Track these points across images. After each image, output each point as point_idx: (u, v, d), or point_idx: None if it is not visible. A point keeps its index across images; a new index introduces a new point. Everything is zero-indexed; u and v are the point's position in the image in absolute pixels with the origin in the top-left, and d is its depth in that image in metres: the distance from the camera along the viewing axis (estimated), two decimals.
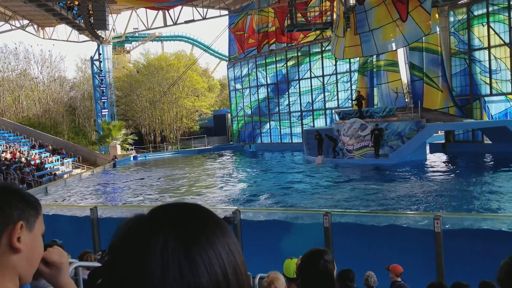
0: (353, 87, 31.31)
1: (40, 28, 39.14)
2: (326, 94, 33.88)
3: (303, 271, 2.33)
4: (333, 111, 32.44)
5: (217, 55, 58.31)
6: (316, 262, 2.26)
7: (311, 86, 34.69)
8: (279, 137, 37.46)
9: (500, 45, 23.73)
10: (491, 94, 24.61)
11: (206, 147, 42.21)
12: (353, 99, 26.03)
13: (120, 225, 0.72)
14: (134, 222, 0.71)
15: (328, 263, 2.28)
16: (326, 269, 2.25)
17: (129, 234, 0.69)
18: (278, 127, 37.42)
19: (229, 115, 44.41)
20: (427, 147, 25.59)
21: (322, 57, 33.76)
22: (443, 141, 27.74)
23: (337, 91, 33.13)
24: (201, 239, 0.68)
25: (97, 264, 4.99)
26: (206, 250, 0.67)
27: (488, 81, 24.52)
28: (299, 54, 35.22)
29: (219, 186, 19.68)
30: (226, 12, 38.23)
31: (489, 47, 24.21)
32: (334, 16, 27.33)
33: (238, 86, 40.98)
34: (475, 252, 7.12)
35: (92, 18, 29.86)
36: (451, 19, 26.07)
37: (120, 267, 0.66)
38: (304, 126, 34.51)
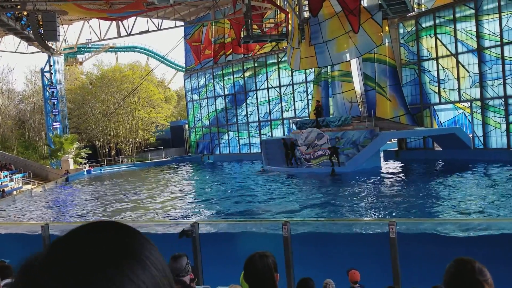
0: (309, 97, 31.87)
1: None
2: (283, 104, 34.29)
3: (245, 273, 2.33)
4: (291, 121, 32.83)
5: (174, 66, 57.90)
6: (253, 259, 2.29)
7: (269, 96, 35.02)
8: (238, 147, 37.47)
9: (447, 56, 24.85)
10: (440, 103, 25.66)
11: (164, 159, 41.59)
12: (314, 109, 26.43)
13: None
14: (20, 274, 0.61)
15: (266, 257, 2.30)
16: (263, 262, 2.27)
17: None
18: (237, 137, 37.44)
19: (186, 126, 44.02)
20: (381, 155, 26.31)
21: (278, 68, 34.23)
22: (396, 149, 28.61)
23: (294, 101, 33.60)
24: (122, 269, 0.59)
25: None
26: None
27: (437, 90, 25.57)
28: (256, 65, 35.51)
29: (177, 198, 19.39)
30: (181, 23, 38.07)
31: (437, 58, 25.30)
32: (289, 28, 27.77)
33: (196, 97, 40.77)
34: (430, 256, 7.33)
35: (42, 29, 28.97)
36: (401, 31, 27.09)
37: None
38: (262, 136, 34.72)
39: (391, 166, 24.93)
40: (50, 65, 37.45)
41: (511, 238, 7.39)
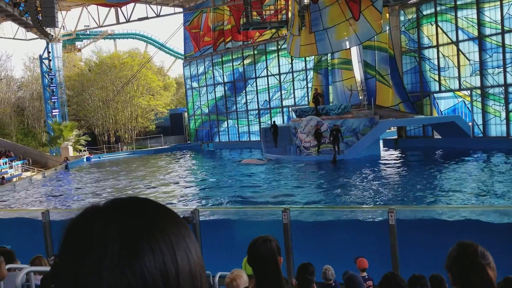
0: (309, 85, 31.74)
1: None
2: (283, 92, 34.17)
3: (249, 257, 2.37)
4: (290, 109, 32.76)
5: (173, 53, 57.59)
6: (256, 243, 2.32)
7: (268, 84, 34.88)
8: (237, 135, 37.44)
9: (447, 44, 24.72)
10: (440, 91, 25.60)
11: (163, 147, 41.59)
12: (313, 97, 26.40)
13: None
14: (81, 213, 0.67)
15: (269, 241, 2.33)
16: (267, 246, 2.31)
17: (74, 223, 0.65)
18: (236, 125, 37.39)
19: (186, 114, 43.94)
20: (381, 143, 26.32)
21: (278, 55, 34.03)
22: (396, 137, 28.60)
23: (294, 89, 33.48)
24: (153, 232, 0.62)
25: (49, 269, 4.80)
26: (159, 243, 0.62)
27: (437, 78, 25.49)
28: (256, 52, 35.31)
29: (177, 186, 19.44)
30: (180, 9, 37.78)
31: (437, 46, 25.17)
32: (289, 15, 27.56)
33: (195, 84, 40.61)
34: (428, 243, 7.37)
35: (40, 15, 28.71)
36: (402, 18, 26.91)
37: (62, 256, 0.62)
38: (262, 124, 34.66)
39: (390, 154, 24.94)
40: (49, 52, 37.25)
41: (508, 225, 7.43)
